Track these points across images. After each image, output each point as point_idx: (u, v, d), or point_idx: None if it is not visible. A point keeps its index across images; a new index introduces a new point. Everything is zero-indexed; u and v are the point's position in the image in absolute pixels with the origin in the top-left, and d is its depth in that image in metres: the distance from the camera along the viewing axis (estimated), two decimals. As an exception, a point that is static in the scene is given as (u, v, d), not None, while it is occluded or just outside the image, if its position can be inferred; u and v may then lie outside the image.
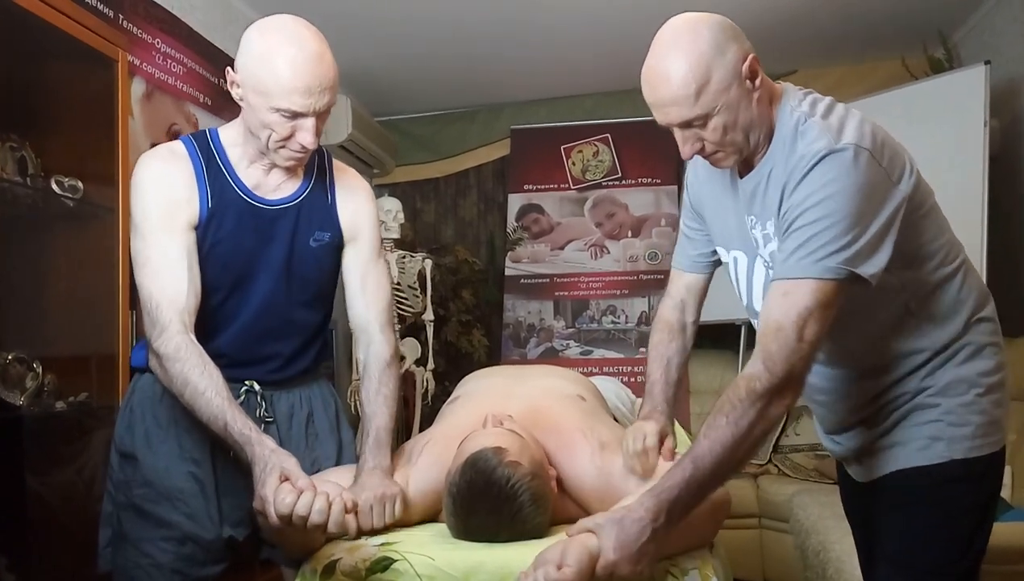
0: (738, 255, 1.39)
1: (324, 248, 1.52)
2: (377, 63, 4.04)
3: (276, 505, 1.16)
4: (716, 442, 1.12)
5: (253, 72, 1.33)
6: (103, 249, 2.04)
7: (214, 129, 1.50)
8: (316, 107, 1.33)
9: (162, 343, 1.33)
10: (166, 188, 1.40)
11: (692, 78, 1.16)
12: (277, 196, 1.48)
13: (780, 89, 1.28)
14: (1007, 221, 3.36)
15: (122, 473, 1.47)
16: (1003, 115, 3.38)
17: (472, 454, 1.28)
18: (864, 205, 1.14)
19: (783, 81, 1.31)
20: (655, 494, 1.12)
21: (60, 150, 2.04)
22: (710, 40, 1.18)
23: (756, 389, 1.13)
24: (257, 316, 1.48)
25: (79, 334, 2.08)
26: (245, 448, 1.25)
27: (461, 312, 4.33)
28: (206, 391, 1.29)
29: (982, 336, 1.32)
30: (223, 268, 1.44)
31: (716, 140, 1.22)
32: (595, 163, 4.48)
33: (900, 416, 1.32)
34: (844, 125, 1.18)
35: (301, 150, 1.38)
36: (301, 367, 1.57)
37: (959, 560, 1.29)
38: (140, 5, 2.75)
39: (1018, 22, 3.33)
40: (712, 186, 1.42)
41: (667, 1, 3.39)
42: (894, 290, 1.25)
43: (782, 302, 1.15)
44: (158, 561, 1.40)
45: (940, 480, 1.28)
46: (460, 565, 1.20)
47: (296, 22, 1.36)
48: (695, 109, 1.18)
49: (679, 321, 1.55)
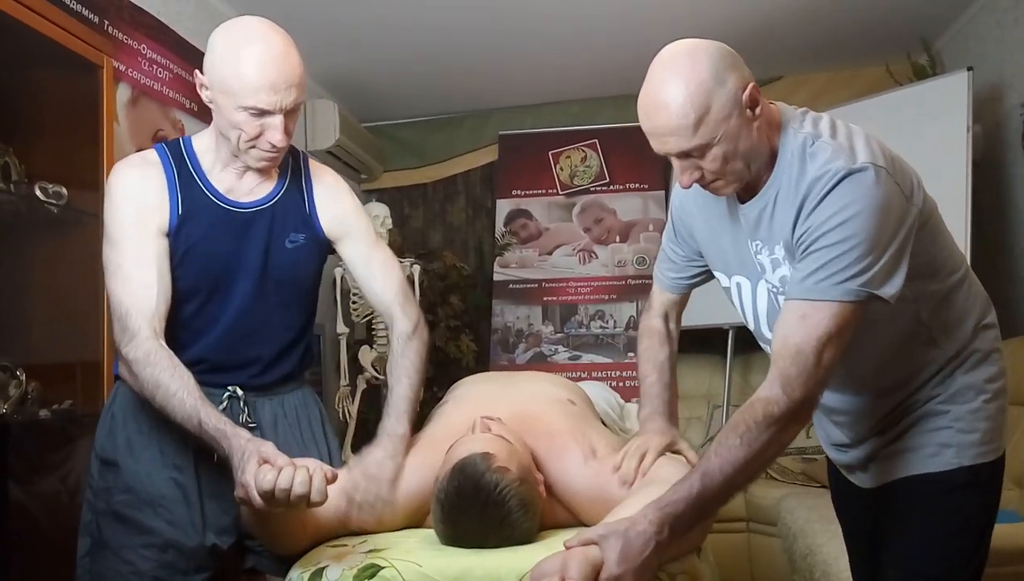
0: (741, 281, 1.37)
1: (300, 249, 1.52)
2: (364, 68, 4.04)
3: (258, 483, 1.15)
4: (727, 462, 1.12)
5: (219, 72, 1.34)
6: (87, 256, 2.01)
7: (188, 137, 1.50)
8: (283, 104, 1.33)
9: (132, 349, 1.32)
10: (137, 195, 1.40)
11: (691, 108, 1.13)
12: (251, 199, 1.48)
13: (779, 114, 1.25)
14: (990, 226, 3.39)
15: (103, 480, 1.46)
16: (986, 120, 3.41)
17: (460, 460, 1.28)
18: (883, 226, 1.13)
19: (776, 103, 1.30)
20: (660, 507, 1.10)
21: (44, 156, 2.02)
22: (710, 69, 1.15)
23: (774, 413, 1.12)
24: (237, 319, 1.48)
25: (63, 341, 2.06)
26: (221, 442, 1.24)
27: (449, 318, 4.32)
28: (178, 392, 1.28)
29: (988, 343, 1.33)
30: (199, 273, 1.44)
31: (716, 169, 1.20)
32: (583, 168, 4.49)
33: (910, 423, 1.32)
34: (854, 144, 1.17)
35: (271, 149, 1.38)
36: (283, 371, 1.56)
37: (966, 565, 1.30)
38: (126, 11, 2.73)
39: (1000, 29, 3.37)
40: (707, 214, 1.40)
41: (653, 8, 3.46)
42: (906, 302, 1.22)
43: (801, 325, 1.14)
44: (139, 569, 1.38)
45: (949, 487, 1.28)
46: (448, 572, 1.19)
47: (260, 22, 1.37)
48: (694, 140, 1.16)
49: (665, 328, 1.58)
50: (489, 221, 4.69)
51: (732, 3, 3.44)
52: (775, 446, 1.14)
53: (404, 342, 1.56)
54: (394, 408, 1.50)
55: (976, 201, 3.08)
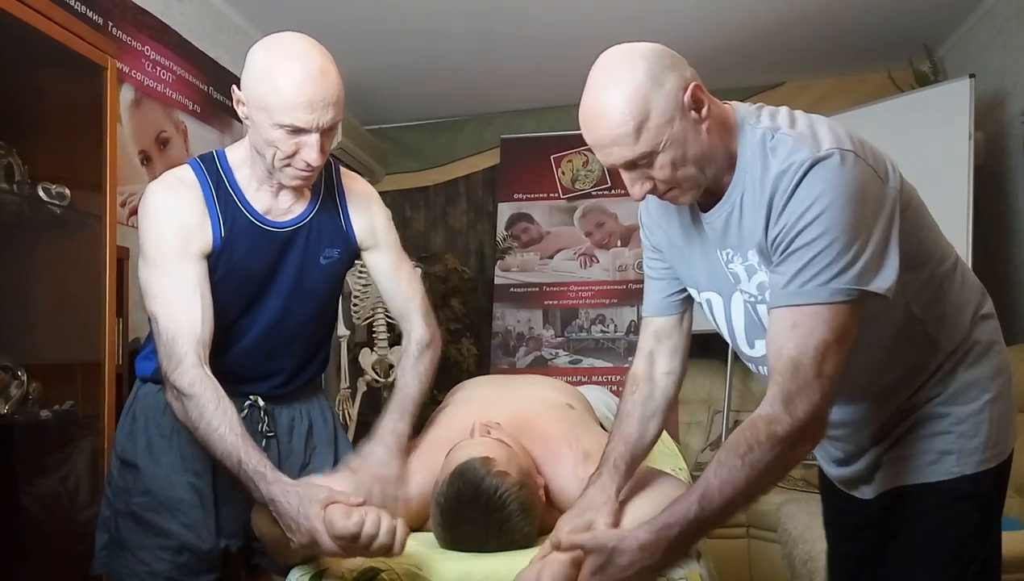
0: (711, 297, 1.28)
1: (333, 264, 1.52)
2: (368, 72, 4.04)
3: (338, 526, 1.13)
4: (728, 483, 1.05)
5: (256, 88, 1.31)
6: (90, 256, 2.03)
7: (221, 151, 1.47)
8: (320, 123, 1.30)
9: (178, 376, 1.31)
10: (177, 218, 1.38)
11: (630, 115, 1.06)
12: (287, 218, 1.46)
13: (732, 113, 1.17)
14: (991, 232, 3.39)
15: (122, 480, 1.48)
16: (988, 127, 3.42)
17: (460, 464, 1.28)
18: (861, 212, 1.05)
19: (730, 103, 1.21)
20: (653, 529, 1.07)
21: (47, 157, 2.03)
22: (646, 72, 1.07)
23: (777, 433, 1.05)
24: (266, 334, 1.48)
25: (65, 342, 2.06)
26: (260, 486, 1.23)
27: (450, 321, 4.32)
28: (219, 427, 1.27)
29: (988, 333, 1.25)
30: (235, 293, 1.43)
31: (666, 177, 1.11)
32: (584, 173, 4.49)
33: (908, 427, 1.25)
34: (816, 131, 1.10)
35: (306, 168, 1.34)
36: (304, 379, 1.58)
37: (972, 577, 1.23)
38: (130, 12, 2.74)
39: (1002, 36, 3.38)
40: (669, 225, 1.30)
41: (656, 14, 3.46)
42: (896, 295, 1.11)
43: (793, 335, 1.06)
44: (155, 569, 1.41)
45: (950, 497, 1.22)
46: (447, 575, 1.19)
47: (300, 38, 1.33)
48: (637, 147, 1.08)
49: (645, 372, 1.36)
50: (490, 224, 4.69)
51: (735, 9, 3.44)
52: (780, 467, 1.07)
53: (421, 349, 1.57)
54: (399, 406, 1.50)
55: (978, 207, 3.09)
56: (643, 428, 1.33)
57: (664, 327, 1.37)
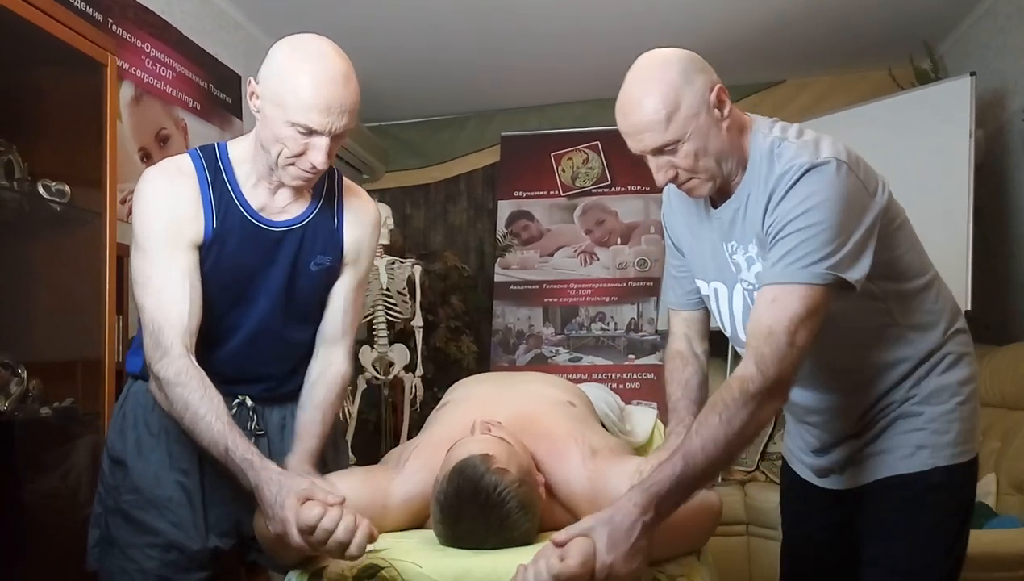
0: (718, 286, 1.42)
1: (323, 272, 1.50)
2: (368, 69, 4.00)
3: (301, 518, 1.14)
4: (708, 440, 1.14)
5: (274, 84, 1.30)
6: (90, 253, 2.03)
7: (223, 144, 1.46)
8: (332, 127, 1.30)
9: (163, 366, 1.31)
10: (171, 206, 1.37)
11: (663, 105, 1.23)
12: (282, 218, 1.45)
13: (749, 120, 1.33)
14: (992, 230, 3.39)
15: (112, 478, 1.47)
16: (988, 125, 3.42)
17: (459, 461, 1.28)
18: (847, 214, 1.20)
19: (748, 113, 1.36)
20: (644, 488, 1.12)
21: (47, 154, 2.03)
22: (679, 70, 1.25)
23: (749, 390, 1.15)
24: (253, 337, 1.47)
25: (65, 339, 2.07)
26: (248, 473, 1.23)
27: (450, 318, 4.33)
28: (206, 415, 1.27)
29: (959, 347, 1.39)
30: (222, 289, 1.42)
31: (688, 166, 1.27)
32: (584, 170, 4.49)
33: (886, 424, 1.37)
34: (819, 143, 1.25)
35: (310, 170, 1.34)
36: (295, 384, 1.54)
37: (942, 562, 1.35)
38: (130, 10, 2.74)
39: (1003, 34, 3.37)
40: (687, 218, 1.46)
41: (656, 12, 3.46)
42: (876, 298, 1.31)
43: (771, 307, 1.19)
44: (144, 567, 1.41)
45: (925, 487, 1.33)
46: (447, 572, 1.19)
47: (326, 42, 1.33)
48: (666, 135, 1.24)
49: (688, 349, 1.55)
50: (491, 222, 4.69)
51: (735, 7, 3.44)
52: (753, 423, 1.16)
53: (339, 381, 1.52)
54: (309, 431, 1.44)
55: (978, 205, 3.08)
56: (700, 394, 1.51)
57: (690, 317, 1.57)
